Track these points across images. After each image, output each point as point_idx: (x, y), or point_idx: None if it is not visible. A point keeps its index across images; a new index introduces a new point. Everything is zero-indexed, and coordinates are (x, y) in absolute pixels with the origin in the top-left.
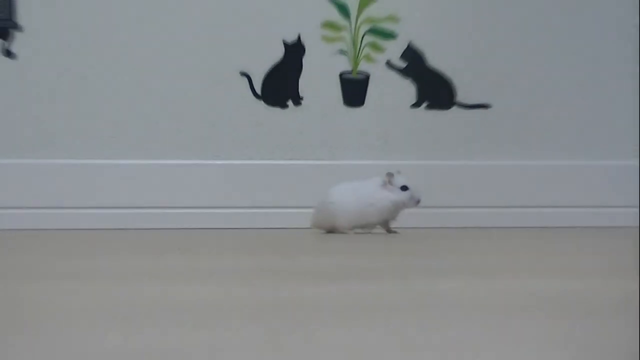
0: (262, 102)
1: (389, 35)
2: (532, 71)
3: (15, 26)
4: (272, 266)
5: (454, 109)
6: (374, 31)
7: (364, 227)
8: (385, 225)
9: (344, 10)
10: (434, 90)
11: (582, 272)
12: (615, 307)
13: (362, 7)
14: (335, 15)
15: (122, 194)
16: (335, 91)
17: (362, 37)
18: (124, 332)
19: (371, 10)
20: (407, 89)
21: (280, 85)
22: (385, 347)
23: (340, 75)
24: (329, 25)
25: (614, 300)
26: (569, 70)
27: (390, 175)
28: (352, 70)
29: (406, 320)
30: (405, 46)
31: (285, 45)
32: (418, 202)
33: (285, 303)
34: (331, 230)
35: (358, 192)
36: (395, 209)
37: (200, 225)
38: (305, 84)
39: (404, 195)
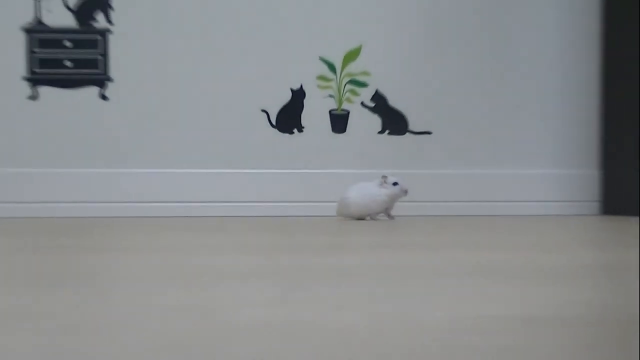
0: (277, 130)
1: (362, 85)
2: (460, 108)
3: (109, 79)
4: (284, 243)
5: (407, 134)
6: (352, 82)
7: (372, 215)
8: (387, 212)
9: (332, 67)
10: (393, 122)
11: (515, 248)
12: (537, 273)
13: (344, 65)
14: (326, 71)
15: (184, 192)
16: (326, 123)
17: (344, 86)
18: (177, 291)
19: (350, 68)
20: (375, 121)
21: (289, 118)
22: (361, 299)
23: (330, 111)
24: (322, 77)
25: (537, 268)
26: (487, 105)
27: (384, 177)
28: (337, 108)
29: (377, 281)
30: (374, 92)
31: (292, 91)
32: (406, 192)
33: (293, 269)
34: (349, 218)
35: (364, 190)
36: (391, 200)
37: (233, 214)
38: (305, 117)
39: (395, 189)
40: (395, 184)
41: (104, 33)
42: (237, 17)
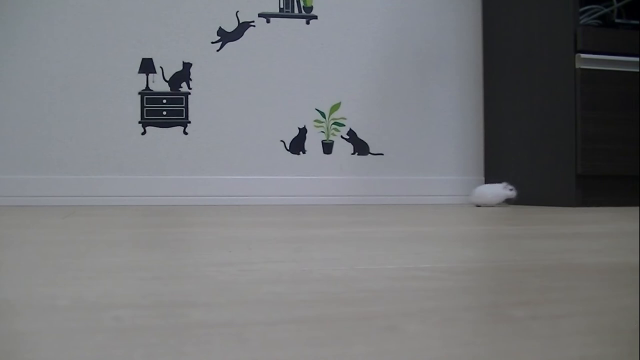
0: (290, 152)
1: (341, 125)
2: (399, 139)
3: (189, 122)
4: (293, 220)
5: (369, 155)
6: (335, 123)
7: (494, 205)
8: (501, 203)
9: (323, 114)
10: (360, 148)
11: (434, 223)
12: (452, 238)
13: (330, 113)
14: (319, 117)
15: (237, 190)
16: (320, 148)
17: (331, 125)
18: (229, 253)
19: (334, 115)
20: (349, 147)
21: (297, 145)
22: (340, 257)
23: (322, 141)
24: (317, 120)
25: (451, 235)
26: (416, 139)
27: (507, 184)
28: (326, 139)
29: (357, 244)
30: (349, 129)
31: (299, 129)
32: (514, 193)
33: (299, 237)
34: (479, 205)
35: (492, 189)
36: (504, 197)
37: (265, 204)
38: (307, 144)
39: (509, 191)
40: (510, 188)
41: (186, 95)
42: (266, 86)
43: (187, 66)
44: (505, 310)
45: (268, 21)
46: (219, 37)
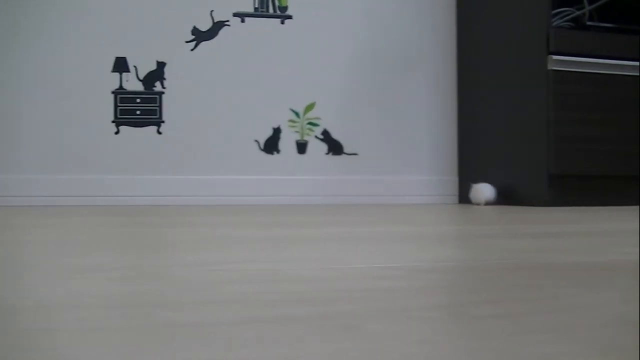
0: (264, 152)
1: (316, 125)
2: (372, 139)
3: (163, 121)
4: (269, 220)
5: (343, 155)
6: (310, 123)
7: (488, 203)
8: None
9: (297, 115)
10: (334, 148)
11: (406, 223)
12: (422, 239)
13: (305, 113)
14: (294, 117)
15: (209, 190)
16: (294, 148)
17: (305, 125)
18: (197, 252)
19: (308, 115)
20: (323, 147)
21: (271, 145)
22: (310, 257)
23: (296, 141)
24: (292, 121)
25: (421, 235)
26: (391, 139)
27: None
28: (301, 139)
29: (328, 244)
30: (323, 129)
31: (273, 129)
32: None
33: (270, 237)
34: (477, 203)
35: (487, 188)
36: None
37: (237, 204)
38: (281, 145)
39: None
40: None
41: (160, 94)
42: (240, 86)
43: (161, 65)
44: (468, 309)
45: (243, 21)
46: (194, 37)
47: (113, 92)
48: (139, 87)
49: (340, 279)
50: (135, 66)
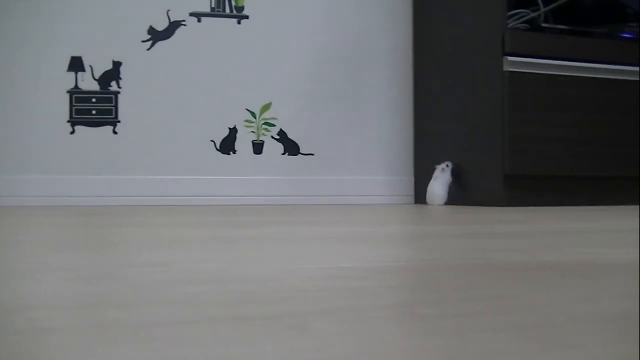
0: (220, 152)
1: (272, 125)
2: (329, 140)
3: (118, 121)
4: (224, 220)
5: (299, 155)
6: (266, 123)
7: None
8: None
9: (254, 115)
10: (291, 148)
11: (362, 223)
12: (378, 239)
13: (261, 113)
14: (250, 117)
15: (167, 190)
16: (250, 148)
17: (261, 126)
18: (150, 252)
19: (265, 115)
20: (280, 147)
21: (228, 145)
22: (264, 257)
23: (252, 141)
24: (248, 121)
25: (377, 235)
26: (347, 138)
27: (443, 166)
28: (257, 139)
29: (281, 244)
30: (279, 130)
31: (229, 129)
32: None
33: (224, 238)
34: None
35: (441, 187)
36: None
37: (195, 204)
38: (237, 145)
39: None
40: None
41: (116, 94)
42: (197, 86)
43: (116, 65)
44: (417, 309)
45: (199, 20)
46: (150, 36)
47: (68, 92)
48: (95, 86)
49: (289, 279)
50: (90, 66)
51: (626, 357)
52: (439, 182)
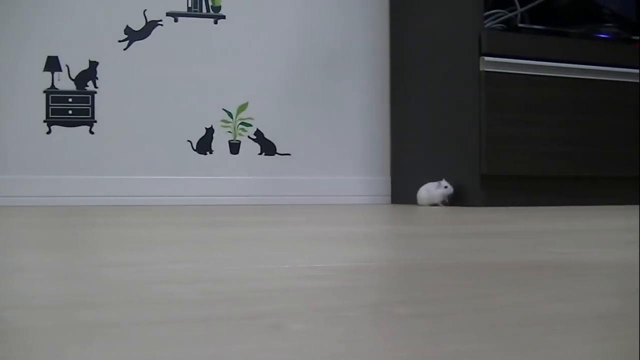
0: (197, 152)
1: (248, 125)
2: (305, 140)
3: (95, 121)
4: (200, 220)
5: (276, 155)
6: (242, 123)
7: (435, 204)
8: (442, 202)
9: (230, 115)
10: (267, 148)
11: (339, 223)
12: (353, 238)
13: (237, 113)
14: (227, 117)
15: (144, 191)
16: (227, 148)
17: (238, 126)
18: (125, 252)
19: (241, 115)
20: (256, 147)
21: (204, 145)
22: (242, 257)
23: (229, 141)
24: (224, 121)
25: (353, 235)
26: (323, 140)
27: (442, 182)
28: (233, 139)
29: (257, 244)
30: (256, 129)
31: (206, 129)
32: (450, 190)
33: (200, 237)
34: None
35: (428, 189)
36: (442, 196)
37: (173, 204)
38: (214, 145)
39: (446, 190)
40: (446, 187)
41: (92, 94)
42: (173, 86)
43: (93, 65)
44: (391, 309)
45: (176, 20)
46: (126, 36)
47: (45, 92)
48: (71, 86)
49: (264, 279)
50: (67, 65)
51: (602, 357)
52: (426, 187)
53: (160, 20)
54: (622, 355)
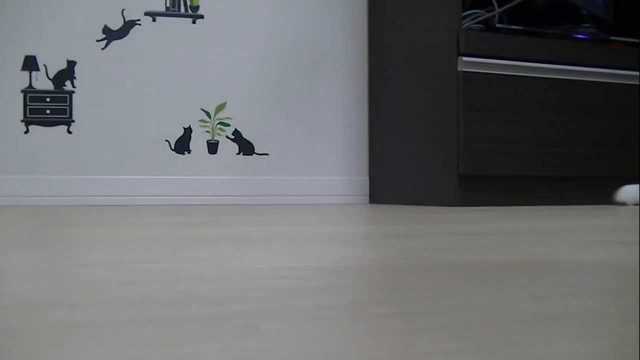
0: (175, 152)
1: (226, 125)
2: (284, 140)
3: (73, 121)
4: (178, 220)
5: (254, 155)
6: (220, 123)
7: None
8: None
9: (208, 114)
10: (245, 148)
11: (316, 223)
12: (330, 238)
13: (216, 113)
14: (205, 116)
15: (116, 190)
16: (205, 148)
17: (216, 125)
18: (100, 252)
19: (219, 115)
20: (234, 147)
21: (182, 145)
22: (218, 257)
23: (207, 141)
24: (202, 120)
25: (330, 235)
26: (302, 141)
27: None
28: (212, 139)
29: (233, 244)
30: (234, 129)
31: (184, 128)
32: None
33: (176, 237)
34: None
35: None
36: None
37: (150, 204)
38: (192, 145)
39: None
40: None
41: (70, 93)
42: (152, 85)
43: (71, 64)
44: (366, 308)
45: (154, 20)
46: (104, 36)
47: (22, 91)
48: (49, 86)
49: (239, 278)
50: (45, 65)
51: (577, 356)
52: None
53: (139, 20)
54: (597, 354)
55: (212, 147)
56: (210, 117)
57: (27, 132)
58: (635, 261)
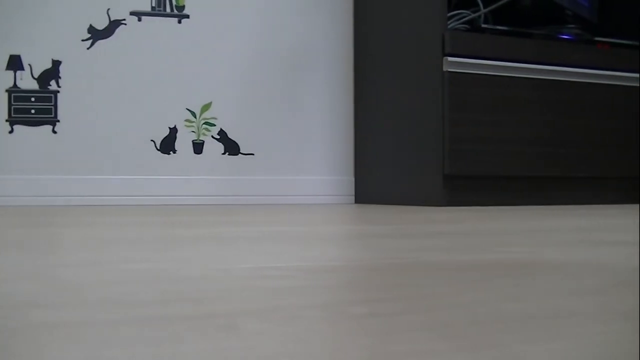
0: (160, 152)
1: (212, 125)
2: (270, 140)
3: (58, 120)
4: (162, 220)
5: (239, 155)
6: (206, 123)
7: None
8: None
9: (194, 114)
10: (231, 148)
11: (302, 223)
12: (314, 238)
13: (201, 113)
14: (190, 116)
15: (101, 190)
16: (190, 148)
17: (202, 125)
18: (83, 252)
19: (205, 114)
20: (220, 147)
21: (168, 145)
22: (201, 257)
23: (193, 141)
24: (188, 120)
25: (315, 235)
26: (288, 141)
27: None
28: (197, 139)
29: (216, 244)
30: (219, 129)
31: (169, 128)
32: None
33: (160, 237)
34: None
35: None
36: None
37: (136, 204)
38: (178, 145)
39: None
40: None
41: (55, 93)
42: (137, 85)
43: (56, 64)
44: (346, 308)
45: (140, 19)
46: (90, 35)
47: (7, 91)
48: (34, 85)
49: (221, 278)
50: (30, 64)
51: (556, 356)
52: None
53: (124, 20)
54: (578, 353)
55: (198, 147)
56: (195, 117)
57: (11, 131)
58: (615, 261)
